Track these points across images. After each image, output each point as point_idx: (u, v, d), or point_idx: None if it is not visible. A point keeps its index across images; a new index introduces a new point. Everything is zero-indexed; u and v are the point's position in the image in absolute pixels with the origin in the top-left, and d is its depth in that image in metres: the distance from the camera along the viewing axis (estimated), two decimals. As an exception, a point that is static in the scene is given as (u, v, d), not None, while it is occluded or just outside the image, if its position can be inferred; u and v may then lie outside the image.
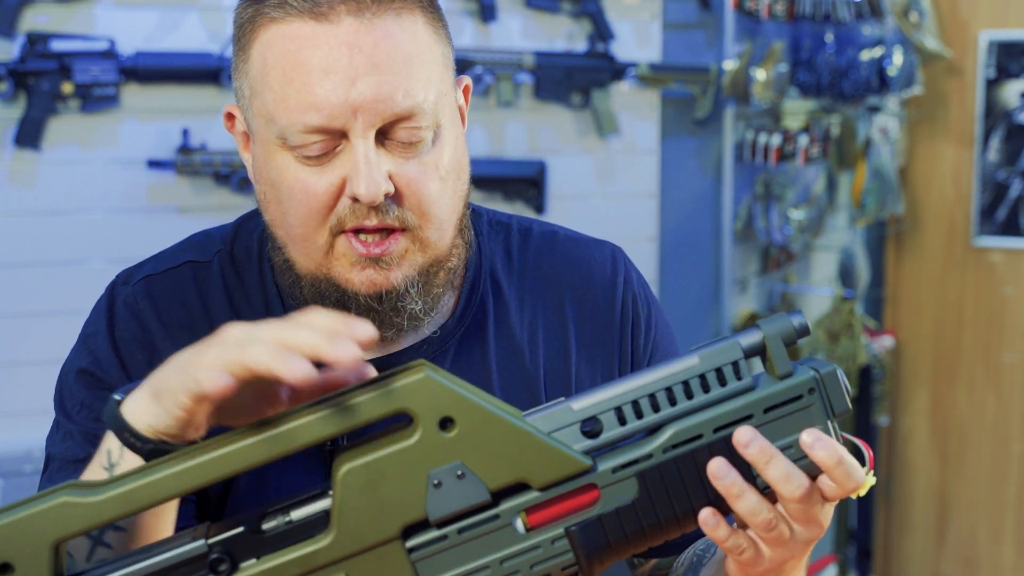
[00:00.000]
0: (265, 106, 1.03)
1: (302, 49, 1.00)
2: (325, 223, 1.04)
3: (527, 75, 2.94)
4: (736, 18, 3.28)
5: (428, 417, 0.82)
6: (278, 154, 1.04)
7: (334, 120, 1.00)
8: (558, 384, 1.17)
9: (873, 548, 4.04)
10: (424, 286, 1.07)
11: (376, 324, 1.06)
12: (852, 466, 0.87)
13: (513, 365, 1.16)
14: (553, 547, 0.85)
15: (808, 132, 3.42)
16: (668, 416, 0.86)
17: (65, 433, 1.11)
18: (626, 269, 1.23)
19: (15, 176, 2.44)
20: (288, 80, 1.01)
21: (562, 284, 1.20)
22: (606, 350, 1.19)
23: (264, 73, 1.03)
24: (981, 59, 3.76)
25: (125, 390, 0.90)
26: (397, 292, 1.05)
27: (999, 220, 3.78)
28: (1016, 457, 3.84)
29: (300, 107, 1.00)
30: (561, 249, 1.22)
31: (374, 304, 1.05)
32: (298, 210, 1.04)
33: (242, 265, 1.16)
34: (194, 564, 0.81)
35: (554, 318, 1.18)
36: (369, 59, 1.00)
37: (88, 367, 1.12)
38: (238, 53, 1.07)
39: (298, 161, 1.03)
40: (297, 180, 1.03)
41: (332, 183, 1.03)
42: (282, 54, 1.01)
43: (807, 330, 0.89)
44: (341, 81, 0.99)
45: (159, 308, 1.13)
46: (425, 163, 1.04)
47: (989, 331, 3.86)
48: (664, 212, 3.27)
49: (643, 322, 1.21)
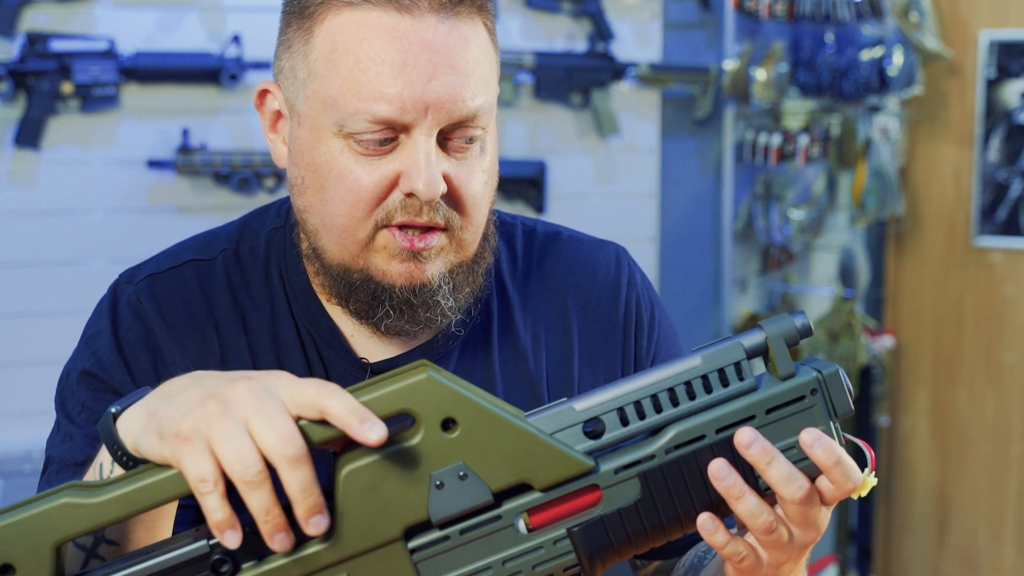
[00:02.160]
0: (327, 90, 1.02)
1: (380, 39, 0.99)
2: (371, 216, 1.03)
3: (527, 75, 2.94)
4: (736, 18, 3.28)
5: (430, 418, 0.82)
6: (330, 141, 1.03)
7: (405, 115, 1.00)
8: (560, 386, 1.16)
9: (873, 548, 4.04)
10: (454, 285, 1.07)
11: (407, 319, 1.07)
12: (850, 467, 0.87)
13: (516, 367, 1.16)
14: (555, 548, 0.85)
15: (808, 132, 3.42)
16: (670, 417, 0.86)
17: (65, 435, 1.09)
18: (630, 270, 1.23)
19: (15, 176, 2.44)
20: (362, 69, 1.00)
21: (566, 286, 1.20)
22: (609, 352, 1.19)
23: (332, 58, 1.01)
24: (981, 59, 3.76)
25: (123, 404, 0.87)
26: (431, 287, 1.06)
27: (999, 220, 3.78)
28: (1016, 457, 3.84)
29: (371, 96, 1.00)
30: (565, 250, 1.22)
31: (410, 296, 1.05)
32: (344, 199, 1.03)
33: (247, 264, 1.15)
34: (196, 565, 0.81)
35: (557, 320, 1.18)
36: (447, 59, 1.00)
37: (91, 368, 1.10)
38: (294, 31, 1.05)
39: (351, 151, 1.02)
40: (348, 170, 1.02)
41: (386, 176, 1.02)
42: (357, 41, 1.00)
43: (810, 331, 0.88)
44: (418, 77, 0.99)
45: (162, 308, 1.12)
46: (473, 166, 1.05)
47: (989, 331, 3.86)
48: (664, 212, 3.27)
49: (646, 323, 1.21)
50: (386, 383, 0.82)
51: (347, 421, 0.78)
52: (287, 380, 0.81)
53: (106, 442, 0.86)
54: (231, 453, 0.77)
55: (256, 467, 0.77)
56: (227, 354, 1.11)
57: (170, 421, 0.80)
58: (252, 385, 0.80)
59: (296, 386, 0.80)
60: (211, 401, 0.79)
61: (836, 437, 0.88)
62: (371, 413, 0.79)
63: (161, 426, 0.80)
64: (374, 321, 1.08)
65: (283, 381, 0.80)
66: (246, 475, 0.77)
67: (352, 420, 0.78)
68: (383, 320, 1.07)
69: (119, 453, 0.85)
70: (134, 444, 0.84)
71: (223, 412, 0.78)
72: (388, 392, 0.81)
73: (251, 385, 0.80)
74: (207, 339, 1.11)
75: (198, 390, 0.81)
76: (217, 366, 1.10)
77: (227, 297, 1.13)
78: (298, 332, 1.13)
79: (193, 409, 0.79)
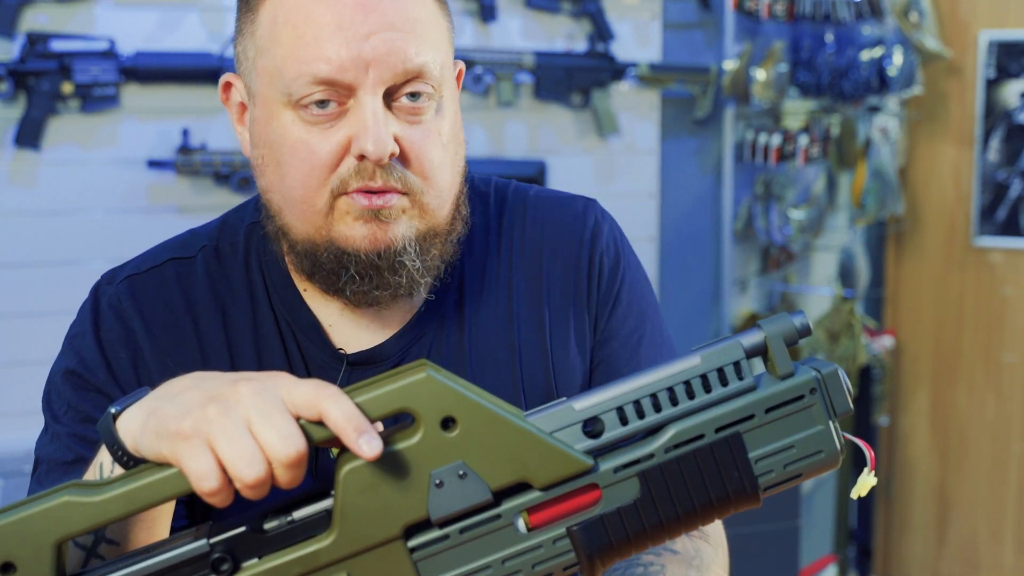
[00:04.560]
0: (273, 62, 1.03)
1: (317, 5, 1.01)
2: (326, 184, 1.04)
3: (527, 75, 2.94)
4: (736, 18, 3.28)
5: (430, 417, 0.82)
6: (281, 113, 1.04)
7: (344, 73, 1.01)
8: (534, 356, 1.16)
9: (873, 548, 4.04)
10: (421, 248, 1.07)
11: (374, 284, 1.06)
12: None
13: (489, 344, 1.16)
14: (555, 547, 0.85)
15: (808, 132, 3.42)
16: (670, 416, 0.86)
17: (52, 435, 1.10)
18: (596, 223, 1.21)
19: (15, 176, 2.44)
20: (299, 34, 1.01)
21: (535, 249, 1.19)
22: (576, 313, 1.18)
23: (274, 31, 1.03)
24: (981, 59, 3.76)
25: (123, 404, 0.87)
26: (396, 249, 1.05)
27: (999, 220, 3.78)
28: (1016, 457, 3.84)
29: (310, 58, 1.01)
30: (532, 212, 1.21)
31: (374, 259, 1.05)
32: (299, 170, 1.04)
33: (227, 260, 1.16)
34: (196, 563, 0.81)
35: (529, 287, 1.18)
36: (383, 18, 1.01)
37: (75, 368, 1.11)
38: (244, 16, 1.07)
39: (302, 122, 1.03)
40: (300, 140, 1.03)
41: (337, 142, 1.03)
42: (294, 10, 1.02)
43: (809, 330, 0.88)
44: (354, 36, 1.00)
45: (142, 308, 1.13)
46: (429, 129, 1.05)
47: (989, 331, 3.86)
48: (664, 212, 3.28)
49: (607, 274, 1.19)
50: (385, 382, 0.82)
51: (344, 430, 0.78)
52: (287, 380, 0.81)
53: (106, 442, 0.87)
54: (233, 452, 0.77)
55: (259, 467, 0.77)
56: (207, 351, 1.12)
57: (170, 420, 0.80)
58: (253, 386, 0.80)
59: (296, 387, 0.80)
60: (212, 402, 0.79)
61: (836, 436, 0.88)
62: (368, 423, 0.79)
63: (161, 425, 0.80)
64: (339, 288, 1.08)
65: (283, 381, 0.80)
66: (248, 476, 0.77)
67: (349, 430, 0.78)
68: (348, 285, 1.06)
69: (119, 453, 0.85)
70: (134, 443, 0.84)
71: (224, 412, 0.78)
72: (387, 391, 0.81)
73: (252, 386, 0.80)
74: (187, 337, 1.12)
75: (199, 391, 0.81)
76: (198, 363, 1.11)
77: (207, 294, 1.14)
78: (277, 324, 1.14)
79: (193, 409, 0.79)
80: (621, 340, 1.19)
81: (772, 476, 0.87)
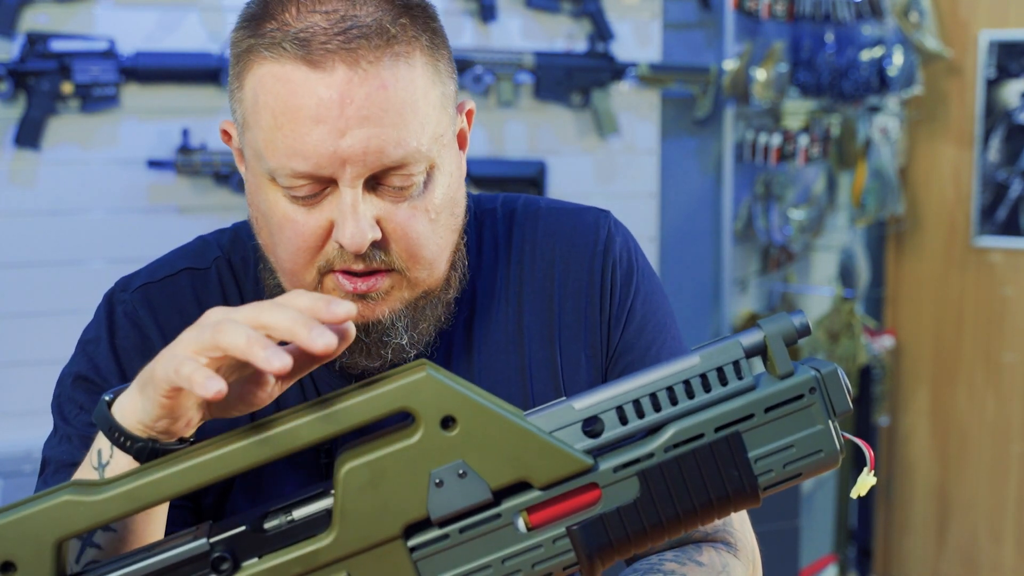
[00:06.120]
0: (255, 142, 1.02)
1: (293, 96, 0.98)
2: (313, 262, 1.04)
3: (527, 75, 2.94)
4: (736, 18, 3.28)
5: (430, 416, 0.82)
6: (268, 188, 1.03)
7: (322, 169, 0.99)
8: (544, 375, 1.16)
9: (873, 548, 4.04)
10: (412, 320, 1.07)
11: (363, 355, 1.07)
12: None
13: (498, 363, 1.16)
14: (555, 546, 0.85)
15: (808, 132, 3.42)
16: (669, 415, 0.86)
17: (62, 437, 1.11)
18: (608, 235, 1.20)
19: (15, 176, 2.44)
20: (278, 125, 0.99)
21: (547, 262, 1.18)
22: (589, 328, 1.17)
23: (256, 111, 1.01)
24: (981, 59, 3.76)
25: (115, 391, 0.90)
26: (383, 326, 1.05)
27: (999, 220, 3.78)
28: (1016, 457, 3.84)
29: (288, 153, 0.99)
30: (543, 224, 1.20)
31: (361, 336, 1.05)
32: (287, 246, 1.04)
33: (240, 272, 1.16)
34: (196, 563, 0.81)
35: (540, 304, 1.17)
36: (359, 111, 0.98)
37: (87, 374, 1.12)
38: (234, 79, 1.05)
39: (287, 198, 1.02)
40: (286, 218, 1.03)
41: (320, 225, 1.02)
42: (273, 96, 0.99)
43: (808, 330, 0.88)
44: (330, 132, 0.98)
45: (158, 317, 1.13)
46: (415, 206, 1.03)
47: (989, 331, 3.86)
48: (664, 212, 3.28)
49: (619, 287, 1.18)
50: (385, 382, 0.82)
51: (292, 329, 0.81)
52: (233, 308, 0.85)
53: (102, 427, 0.89)
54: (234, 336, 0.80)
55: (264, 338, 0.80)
56: None
57: (161, 358, 0.84)
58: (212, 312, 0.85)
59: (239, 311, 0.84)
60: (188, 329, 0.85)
61: (835, 436, 0.88)
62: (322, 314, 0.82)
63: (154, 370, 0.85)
64: None
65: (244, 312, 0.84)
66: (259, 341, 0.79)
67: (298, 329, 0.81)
68: (337, 359, 1.03)
69: (116, 435, 0.88)
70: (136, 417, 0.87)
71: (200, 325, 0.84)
72: (387, 390, 0.81)
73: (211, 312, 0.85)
74: None
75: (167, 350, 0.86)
76: None
77: (220, 304, 1.13)
78: None
79: (175, 342, 0.84)
80: (637, 354, 1.17)
81: (772, 476, 0.87)
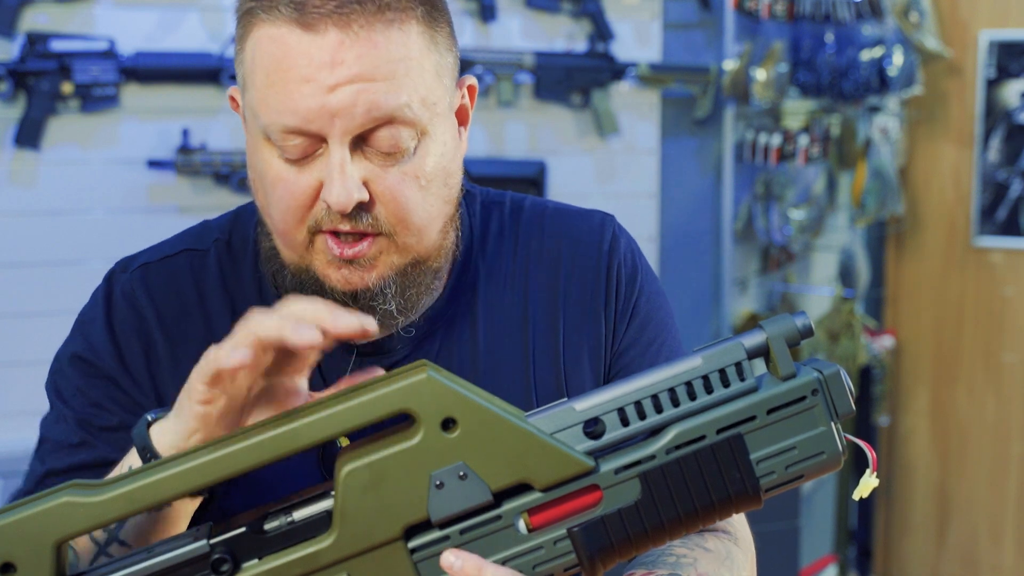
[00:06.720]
0: (252, 100, 1.04)
1: (286, 56, 1.00)
2: (304, 222, 1.04)
3: (527, 75, 2.94)
4: (736, 18, 3.28)
5: (430, 418, 0.82)
6: (263, 147, 1.05)
7: (311, 124, 1.00)
8: (546, 362, 1.17)
9: (873, 548, 4.04)
10: (401, 286, 1.07)
11: None
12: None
13: (502, 347, 1.16)
14: (555, 548, 0.85)
15: (808, 132, 3.42)
16: (671, 417, 0.86)
17: (59, 416, 1.12)
18: (613, 237, 1.21)
19: (15, 176, 2.44)
20: (270, 83, 1.01)
21: (553, 259, 1.20)
22: (593, 323, 1.19)
23: (252, 71, 1.03)
24: (981, 59, 3.76)
25: (157, 413, 0.93)
26: (371, 292, 1.06)
27: (999, 220, 3.78)
28: (1016, 457, 3.84)
29: (279, 109, 1.01)
30: (550, 224, 1.21)
31: (348, 302, 1.05)
32: (279, 205, 1.05)
33: (238, 253, 1.17)
34: (196, 564, 0.81)
35: (545, 295, 1.19)
36: (349, 69, 0.99)
37: (83, 353, 1.13)
38: (237, 42, 1.08)
39: (280, 157, 1.04)
40: (279, 177, 1.04)
41: (311, 184, 1.03)
42: (267, 56, 1.02)
43: (811, 331, 0.88)
44: (319, 88, 0.99)
45: (155, 297, 1.14)
46: (405, 171, 1.04)
47: (989, 331, 3.86)
48: (664, 212, 3.27)
49: (624, 289, 1.20)
50: (386, 383, 0.82)
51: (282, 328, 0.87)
52: None
53: (137, 446, 0.92)
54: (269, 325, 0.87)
55: None
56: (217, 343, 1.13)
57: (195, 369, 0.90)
58: None
59: None
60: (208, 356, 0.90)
61: (837, 437, 0.88)
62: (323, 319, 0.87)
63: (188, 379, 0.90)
64: None
65: None
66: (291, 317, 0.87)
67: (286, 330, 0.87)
68: None
69: (148, 456, 0.91)
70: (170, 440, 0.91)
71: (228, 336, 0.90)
72: (388, 392, 0.81)
73: None
74: (197, 329, 1.13)
75: None
76: None
77: (218, 287, 1.15)
78: None
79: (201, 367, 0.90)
80: (639, 350, 1.19)
81: (774, 477, 0.87)
